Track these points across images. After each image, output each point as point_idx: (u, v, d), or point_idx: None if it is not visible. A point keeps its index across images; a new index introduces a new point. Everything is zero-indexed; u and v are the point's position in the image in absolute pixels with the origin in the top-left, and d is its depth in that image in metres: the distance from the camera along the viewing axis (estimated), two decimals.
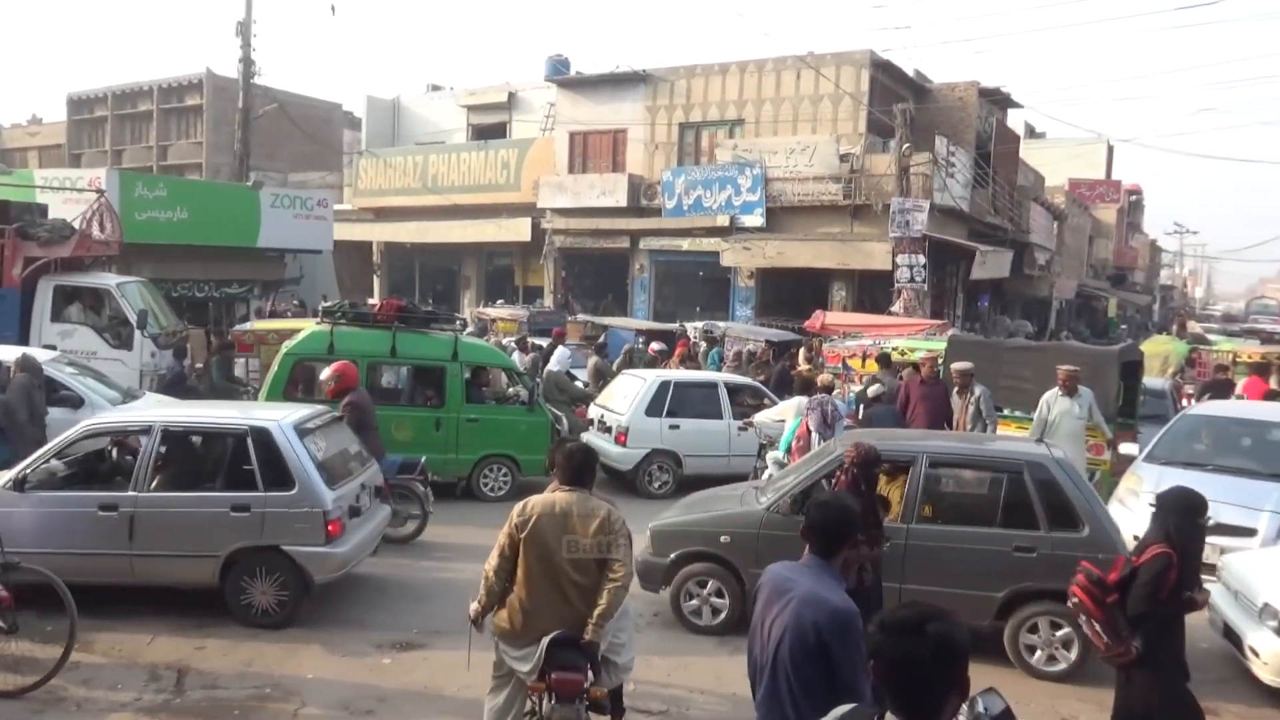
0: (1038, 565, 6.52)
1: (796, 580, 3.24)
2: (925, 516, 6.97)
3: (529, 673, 4.49)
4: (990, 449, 7.90)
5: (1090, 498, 6.80)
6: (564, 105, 27.77)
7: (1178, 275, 75.20)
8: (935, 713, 2.07)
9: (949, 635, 2.11)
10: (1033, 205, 29.90)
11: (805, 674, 3.04)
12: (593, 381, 14.51)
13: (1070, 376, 9.90)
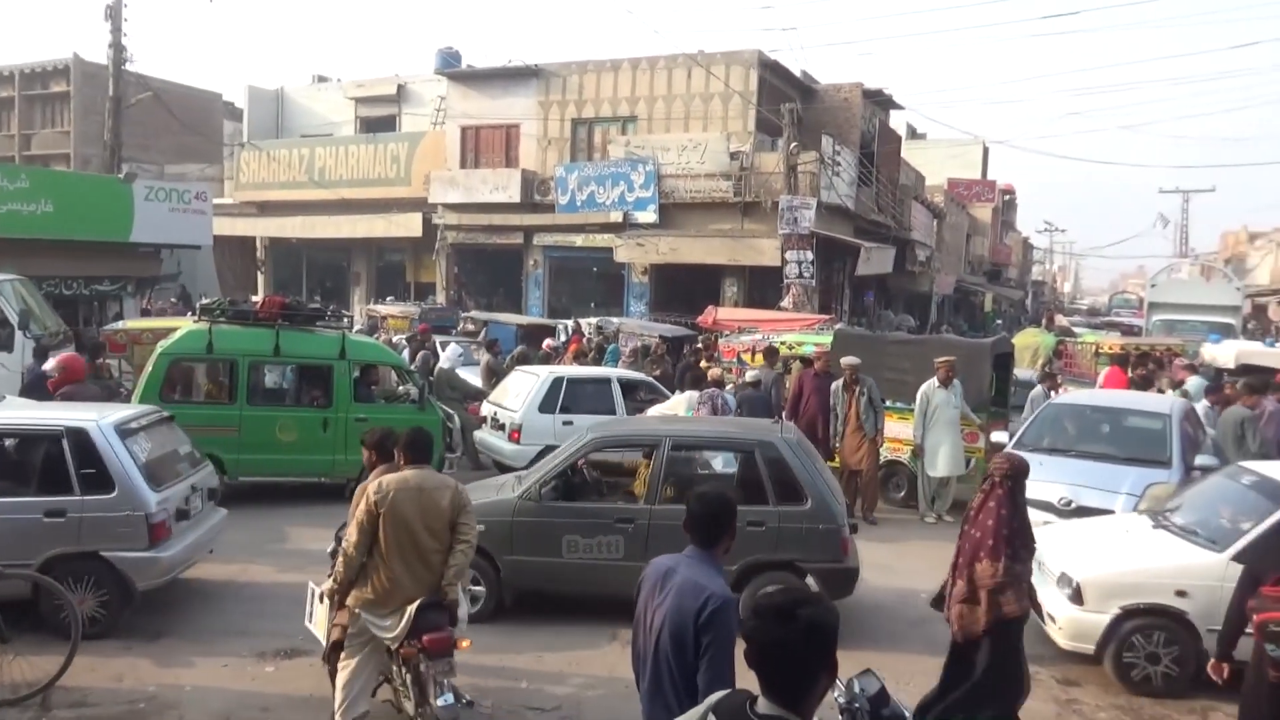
0: (767, 538, 6.94)
1: (677, 570, 3.31)
2: (668, 497, 7.24)
3: (396, 637, 4.92)
4: (725, 432, 8.26)
5: (814, 474, 7.14)
6: (455, 99, 27.40)
7: (1048, 271, 79.16)
8: (808, 693, 2.14)
9: (820, 619, 2.18)
10: (914, 204, 31.03)
11: (685, 661, 3.11)
12: (484, 379, 14.38)
13: (948, 368, 10.35)
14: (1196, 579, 6.30)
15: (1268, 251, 46.06)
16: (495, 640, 6.87)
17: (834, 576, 6.97)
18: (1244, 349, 16.75)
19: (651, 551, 6.67)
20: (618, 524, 7.15)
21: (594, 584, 7.23)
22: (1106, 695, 6.37)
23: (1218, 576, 6.16)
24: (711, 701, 2.26)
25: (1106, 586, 6.50)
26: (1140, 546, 6.90)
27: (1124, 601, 6.39)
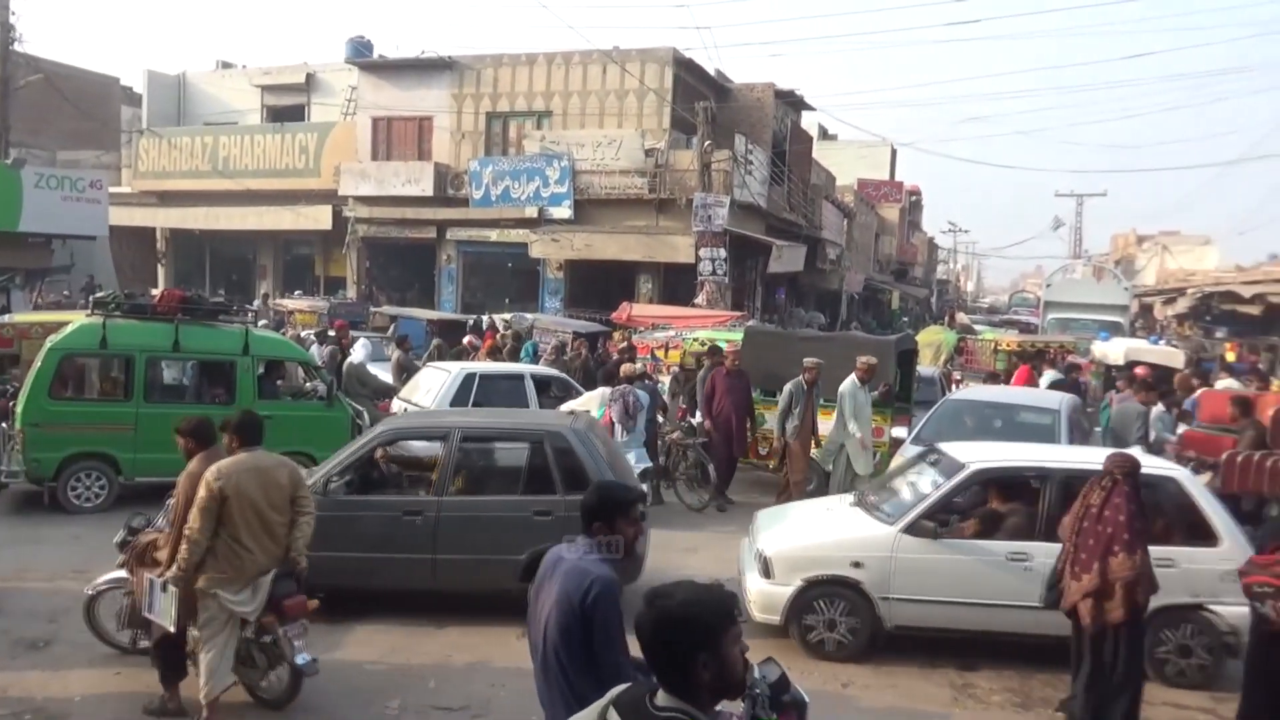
0: (554, 526, 6.82)
1: (564, 557, 3.42)
2: (458, 488, 7.34)
3: (255, 609, 5.29)
4: (514, 422, 8.39)
5: (601, 462, 7.21)
6: (366, 89, 26.87)
7: (952, 270, 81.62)
8: (687, 682, 2.19)
9: (670, 611, 2.24)
10: (824, 203, 31.66)
11: (573, 647, 3.18)
12: (395, 375, 14.17)
13: (869, 368, 10.66)
14: (870, 550, 6.78)
15: (1154, 254, 48.52)
16: (401, 641, 6.82)
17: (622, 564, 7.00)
18: (1132, 346, 17.60)
19: (441, 544, 7.02)
20: (405, 516, 7.12)
21: (384, 578, 7.20)
22: (1000, 680, 6.64)
23: (888, 547, 6.73)
24: (613, 695, 2.30)
25: (791, 560, 6.91)
26: (829, 523, 7.41)
27: (807, 574, 6.78)
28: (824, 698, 6.15)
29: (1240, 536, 6.65)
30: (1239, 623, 6.28)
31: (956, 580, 6.72)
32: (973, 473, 6.97)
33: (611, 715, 2.23)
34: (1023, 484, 7.10)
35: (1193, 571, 6.50)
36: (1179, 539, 6.62)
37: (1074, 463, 7.10)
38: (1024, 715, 6.13)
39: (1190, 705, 6.35)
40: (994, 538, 6.86)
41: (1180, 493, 6.72)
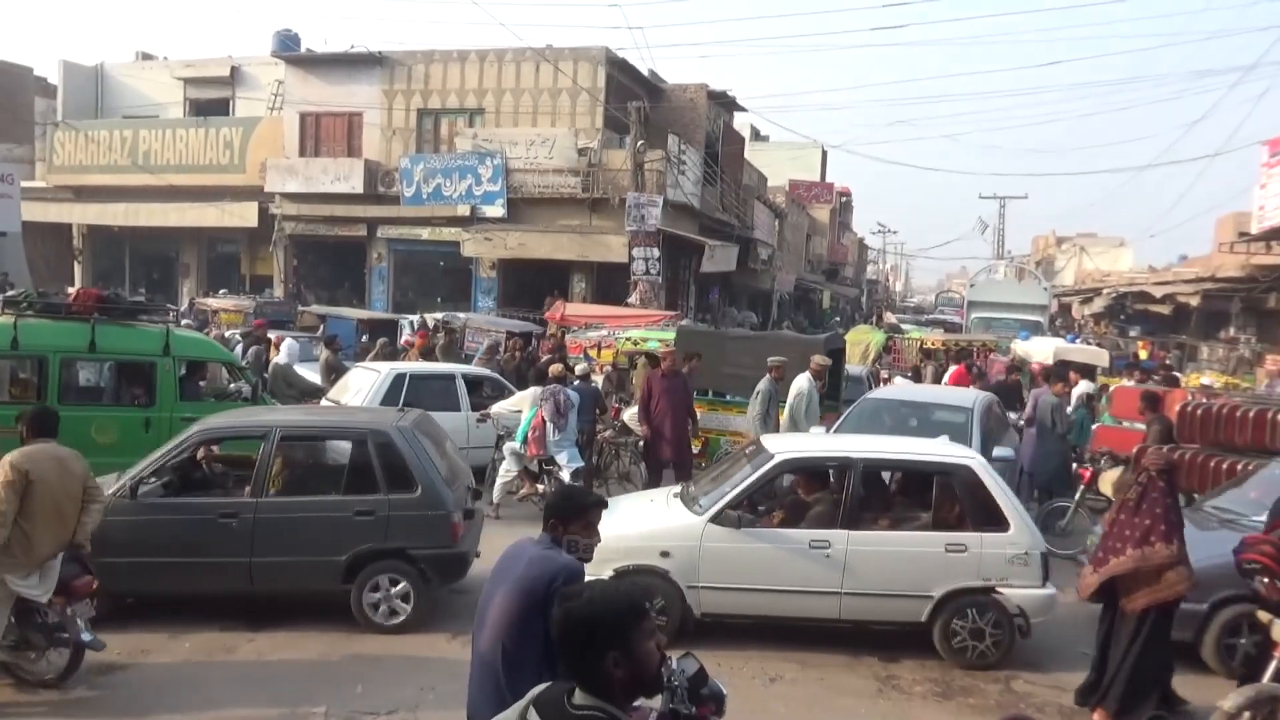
0: (378, 526, 6.97)
1: (525, 549, 3.46)
2: (277, 489, 7.26)
3: (45, 591, 5.60)
4: (337, 420, 8.26)
5: (426, 461, 7.06)
6: (293, 84, 26.33)
7: (881, 270, 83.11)
8: (600, 672, 2.21)
9: (575, 611, 2.26)
10: (756, 204, 32.01)
11: (527, 635, 3.18)
12: (324, 376, 13.93)
13: (822, 366, 10.86)
14: (678, 540, 6.92)
15: (1072, 255, 50.09)
16: (327, 646, 6.73)
17: (444, 562, 7.11)
18: (1061, 346, 18.16)
19: (259, 547, 6.87)
20: (221, 519, 6.92)
21: (198, 583, 7.03)
22: (923, 671, 6.81)
23: (695, 537, 6.86)
24: (533, 694, 2.32)
25: (602, 551, 6.89)
26: (645, 514, 7.49)
27: (617, 564, 6.81)
28: (752, 691, 6.26)
29: (1029, 521, 6.98)
30: (1026, 604, 6.70)
31: (760, 568, 6.86)
32: (778, 463, 7.11)
33: (531, 715, 2.24)
34: (829, 473, 7.30)
35: (984, 555, 6.75)
36: (971, 525, 6.85)
37: (876, 453, 7.41)
38: (944, 704, 6.30)
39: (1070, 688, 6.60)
40: (799, 526, 7.05)
41: (973, 480, 6.91)
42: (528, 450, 10.46)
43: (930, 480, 7.18)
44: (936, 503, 7.08)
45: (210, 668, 6.33)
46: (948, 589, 6.76)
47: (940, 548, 6.80)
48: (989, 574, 6.75)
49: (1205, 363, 23.00)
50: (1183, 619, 6.75)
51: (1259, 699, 5.15)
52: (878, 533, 6.98)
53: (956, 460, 7.14)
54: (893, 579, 6.82)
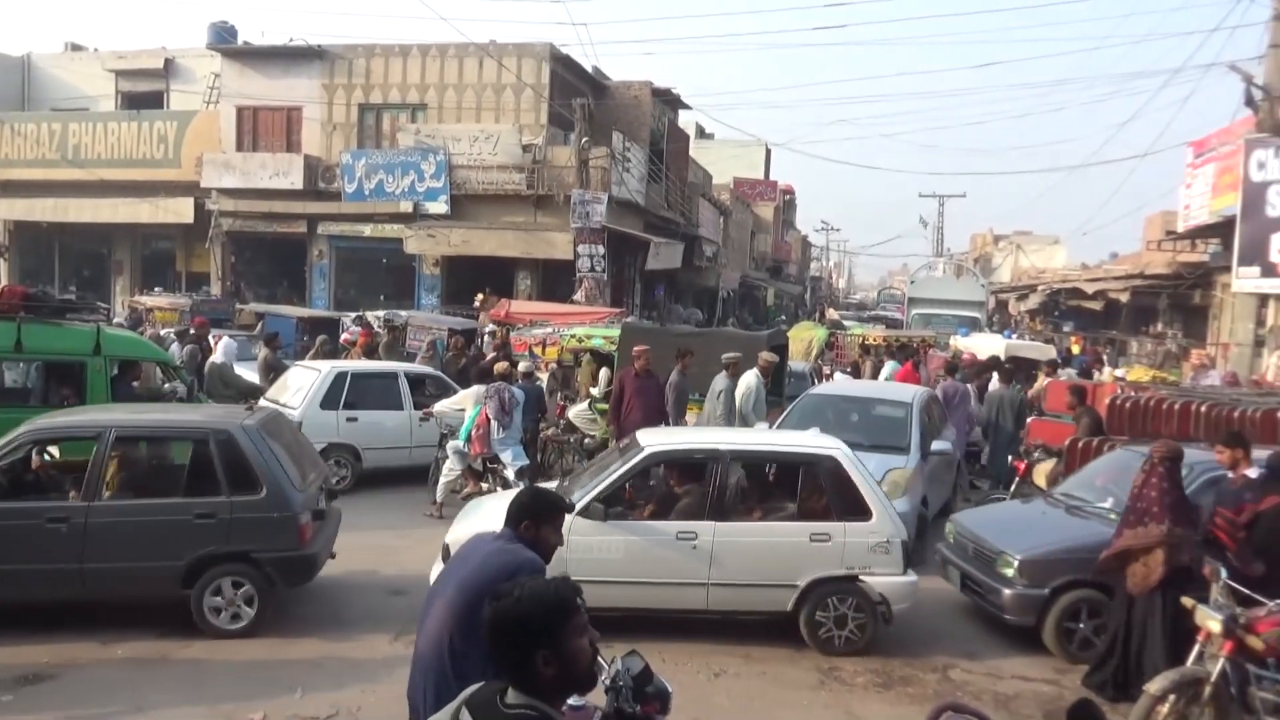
0: (219, 529, 6.74)
1: (486, 543, 3.47)
2: (112, 492, 7.00)
3: None
4: (176, 419, 7.83)
5: (272, 461, 6.89)
6: (230, 77, 25.79)
7: (825, 268, 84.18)
8: (530, 671, 2.20)
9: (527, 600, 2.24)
10: (701, 201, 32.17)
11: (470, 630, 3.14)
12: (262, 375, 13.68)
13: (770, 363, 10.95)
14: None
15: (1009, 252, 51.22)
16: (265, 651, 6.61)
17: (291, 564, 6.91)
18: (1012, 343, 18.53)
19: (91, 553, 6.61)
20: (49, 524, 6.58)
21: (26, 591, 6.72)
22: (864, 663, 6.90)
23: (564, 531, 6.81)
24: (466, 694, 2.31)
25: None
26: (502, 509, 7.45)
27: None
28: (695, 686, 6.30)
29: (891, 510, 7.11)
30: (888, 591, 6.87)
31: (628, 561, 6.83)
32: (647, 455, 7.11)
33: (464, 715, 2.23)
34: (699, 465, 7.25)
35: (848, 544, 6.87)
36: (836, 514, 6.96)
37: (743, 445, 7.51)
38: (884, 694, 6.41)
39: (1035, 676, 6.77)
40: (668, 519, 7.07)
41: (838, 470, 7.00)
42: (472, 448, 10.41)
43: (797, 471, 7.30)
44: (802, 493, 7.21)
45: (144, 674, 6.18)
46: (812, 578, 6.86)
47: (805, 537, 6.90)
48: (852, 562, 6.87)
49: (1135, 357, 23.71)
50: (1024, 603, 7.06)
51: (1183, 681, 5.32)
52: (744, 523, 7.03)
53: (822, 451, 7.22)
54: (758, 569, 6.88)
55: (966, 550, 7.77)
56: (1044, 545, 7.24)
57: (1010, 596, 7.06)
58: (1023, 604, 7.07)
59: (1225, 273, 19.01)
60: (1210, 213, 20.18)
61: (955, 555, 7.90)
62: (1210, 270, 22.58)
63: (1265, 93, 15.86)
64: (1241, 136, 17.28)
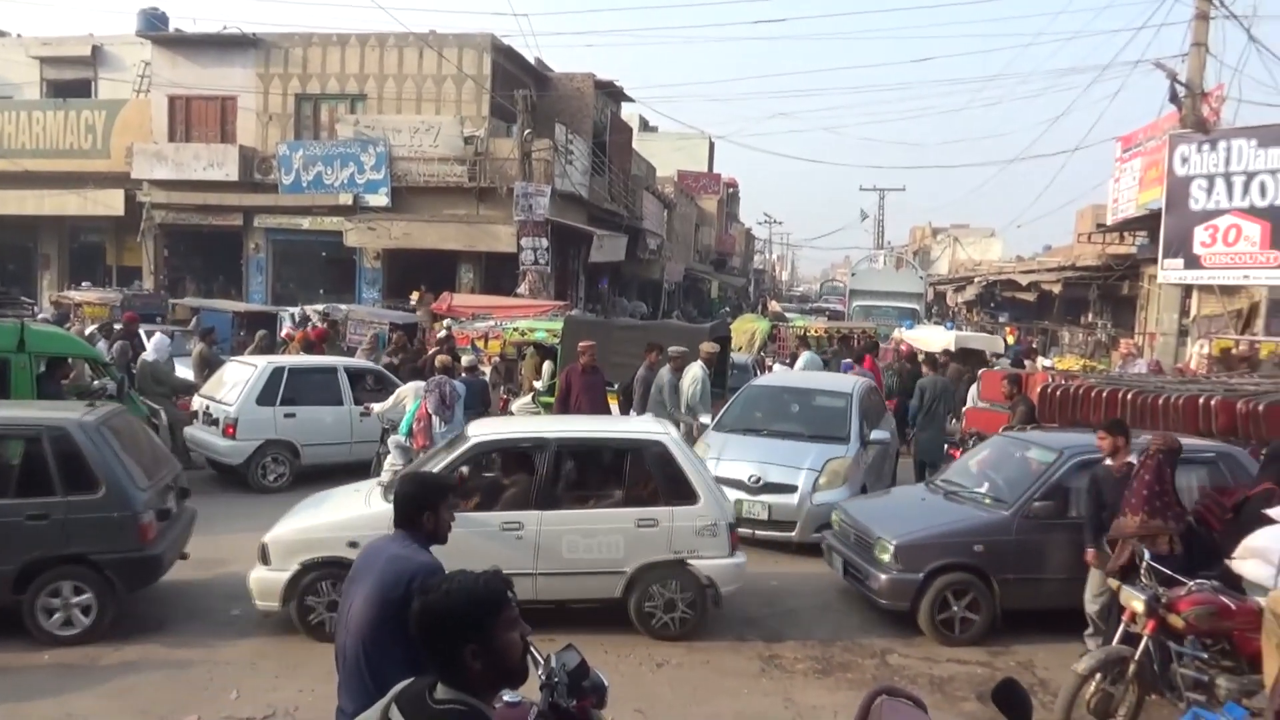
0: (53, 531, 6.49)
1: (384, 548, 3.41)
2: None
3: None
4: (10, 415, 7.49)
5: (111, 458, 6.67)
6: (161, 65, 25.10)
7: (768, 260, 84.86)
8: (459, 665, 2.20)
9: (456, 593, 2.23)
10: (645, 194, 32.20)
11: (386, 639, 3.13)
12: (197, 371, 13.39)
13: (713, 354, 11.01)
14: (366, 529, 6.36)
15: (947, 245, 52.15)
16: (201, 653, 6.49)
17: (132, 566, 6.68)
18: (961, 335, 18.85)
19: None
20: None
21: None
22: (804, 649, 7.01)
23: (383, 525, 6.55)
24: (395, 691, 2.29)
25: (288, 544, 6.72)
26: (343, 505, 7.25)
27: (304, 557, 6.61)
28: (638, 677, 6.35)
29: (718, 494, 7.21)
30: (715, 574, 6.96)
31: (452, 553, 6.78)
32: (472, 445, 7.03)
33: (394, 712, 2.21)
34: (528, 455, 7.18)
35: (675, 529, 6.92)
36: (663, 499, 7.00)
37: (570, 433, 7.51)
38: (824, 680, 6.51)
39: (970, 660, 6.94)
40: (494, 509, 7.00)
41: (665, 456, 7.03)
42: (414, 443, 10.29)
43: (625, 458, 7.25)
44: (629, 479, 7.17)
45: (72, 680, 6.02)
46: (640, 563, 6.89)
47: (632, 523, 6.91)
48: (679, 547, 6.92)
49: (1067, 347, 24.34)
50: (899, 588, 7.19)
51: (1108, 660, 5.50)
52: (570, 512, 7.01)
53: (649, 437, 7.24)
54: (585, 557, 6.85)
55: (849, 537, 7.85)
56: (919, 530, 7.36)
57: (885, 581, 7.18)
58: (897, 588, 7.17)
59: (1152, 264, 19.54)
60: (1137, 206, 20.73)
61: (839, 542, 7.97)
62: (1138, 262, 23.22)
63: (1188, 89, 16.36)
64: (1166, 132, 17.79)
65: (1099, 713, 5.49)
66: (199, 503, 8.31)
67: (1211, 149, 16.00)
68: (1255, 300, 16.63)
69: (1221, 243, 15.88)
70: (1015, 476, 7.72)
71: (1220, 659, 5.39)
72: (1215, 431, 9.18)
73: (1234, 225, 15.71)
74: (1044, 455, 7.62)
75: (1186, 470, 7.43)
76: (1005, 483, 7.73)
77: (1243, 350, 13.10)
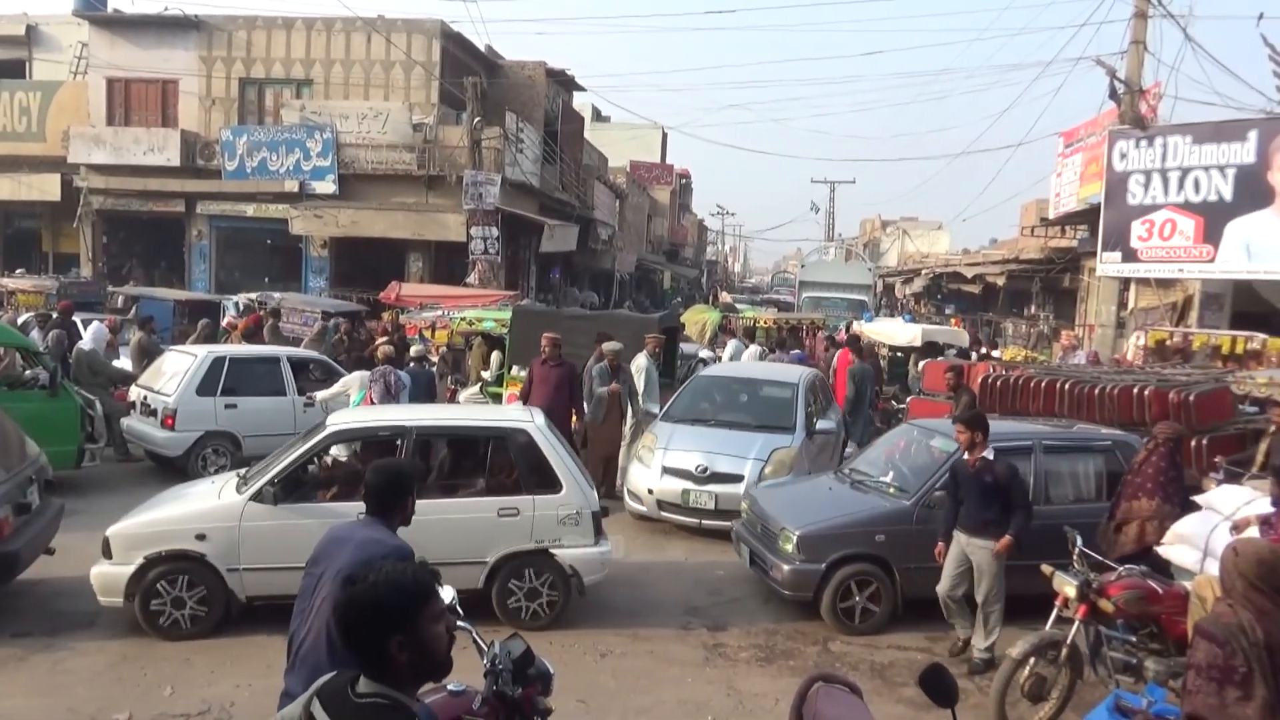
0: None
1: (355, 532, 3.43)
2: None
3: None
4: None
5: None
6: (99, 46, 24.39)
7: (720, 251, 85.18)
8: (384, 658, 2.16)
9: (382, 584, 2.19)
10: (597, 184, 32.10)
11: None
12: (135, 360, 13.08)
13: (658, 343, 11.02)
14: (216, 521, 6.52)
15: (896, 237, 52.82)
16: (135, 650, 6.33)
17: None
18: (928, 328, 19.08)
19: None
20: None
21: None
22: (748, 638, 7.06)
23: (235, 517, 6.49)
24: (317, 685, 2.25)
25: (130, 538, 6.52)
26: (194, 497, 7.01)
27: (147, 550, 6.40)
28: (582, 667, 6.35)
29: (582, 482, 7.04)
30: (579, 563, 6.89)
31: (305, 544, 6.55)
32: (328, 434, 6.86)
33: (315, 706, 2.18)
34: (390, 444, 6.97)
35: (537, 518, 6.84)
36: (525, 488, 6.91)
37: (431, 421, 7.38)
38: (767, 668, 6.57)
39: (910, 646, 7.05)
40: (353, 499, 6.54)
41: (528, 444, 6.96)
42: None
43: (488, 446, 7.20)
44: (492, 468, 7.12)
45: None
46: (502, 553, 6.79)
47: (493, 513, 6.83)
48: (542, 536, 6.84)
49: (1010, 338, 24.81)
50: (801, 579, 7.18)
51: (1041, 644, 5.62)
52: (429, 502, 6.68)
53: (512, 425, 7.15)
54: (445, 547, 6.51)
55: (756, 527, 7.83)
56: (822, 520, 7.33)
57: (788, 572, 7.15)
58: (799, 579, 7.14)
59: (1092, 258, 19.98)
60: (1079, 200, 21.18)
61: (747, 532, 7.95)
62: (1079, 255, 23.72)
63: (1127, 86, 16.73)
64: (1106, 128, 18.19)
65: (1033, 695, 5.60)
66: (137, 495, 8.11)
67: (1149, 145, 16.40)
68: (1189, 293, 17.10)
69: (1157, 237, 16.30)
70: (919, 465, 7.78)
71: (1149, 642, 5.53)
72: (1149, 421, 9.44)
73: (1169, 220, 16.13)
74: (946, 445, 7.55)
75: (1085, 457, 7.73)
76: (910, 472, 7.79)
77: (1176, 342, 13.47)
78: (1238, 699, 3.06)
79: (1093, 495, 7.57)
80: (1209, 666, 3.12)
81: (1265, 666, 3.07)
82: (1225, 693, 3.08)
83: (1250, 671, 3.06)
